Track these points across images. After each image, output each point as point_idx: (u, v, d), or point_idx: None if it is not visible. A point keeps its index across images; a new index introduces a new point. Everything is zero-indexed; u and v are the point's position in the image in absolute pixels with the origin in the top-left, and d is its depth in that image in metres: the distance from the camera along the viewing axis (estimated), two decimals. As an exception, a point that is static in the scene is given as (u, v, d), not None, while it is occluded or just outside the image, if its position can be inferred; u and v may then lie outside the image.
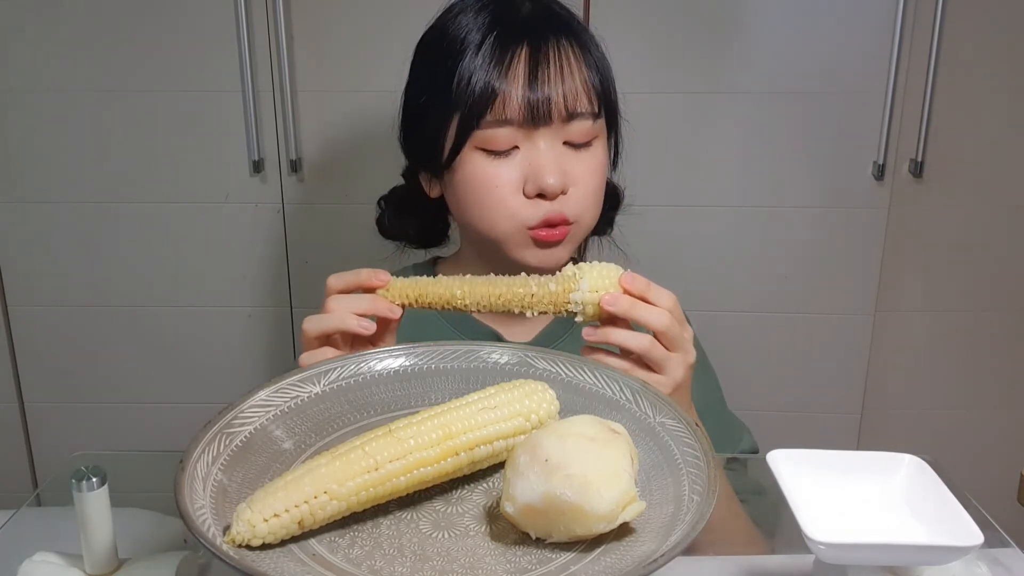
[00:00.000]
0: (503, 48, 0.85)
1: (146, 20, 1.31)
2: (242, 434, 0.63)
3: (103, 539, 0.63)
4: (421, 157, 0.94)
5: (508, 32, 0.86)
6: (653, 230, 1.35)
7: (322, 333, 0.77)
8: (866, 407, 1.50)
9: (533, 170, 0.86)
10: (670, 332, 0.75)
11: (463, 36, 0.87)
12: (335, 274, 0.80)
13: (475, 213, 0.89)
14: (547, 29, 0.87)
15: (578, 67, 0.87)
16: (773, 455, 0.63)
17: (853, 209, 1.39)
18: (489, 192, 0.87)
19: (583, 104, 0.87)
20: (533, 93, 0.84)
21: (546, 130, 0.86)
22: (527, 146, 0.86)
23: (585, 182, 0.88)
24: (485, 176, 0.87)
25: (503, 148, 0.86)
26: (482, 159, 0.87)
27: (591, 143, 0.89)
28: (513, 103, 0.85)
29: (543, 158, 0.86)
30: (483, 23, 0.87)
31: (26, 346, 1.46)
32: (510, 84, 0.85)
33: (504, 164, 0.87)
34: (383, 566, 0.55)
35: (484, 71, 0.85)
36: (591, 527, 0.55)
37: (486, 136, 0.86)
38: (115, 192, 1.39)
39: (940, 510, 0.59)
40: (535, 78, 0.85)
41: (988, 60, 1.34)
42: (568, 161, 0.87)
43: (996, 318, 1.46)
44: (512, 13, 0.88)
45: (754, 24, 1.33)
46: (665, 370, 0.76)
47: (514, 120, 0.85)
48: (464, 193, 0.89)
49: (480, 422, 0.60)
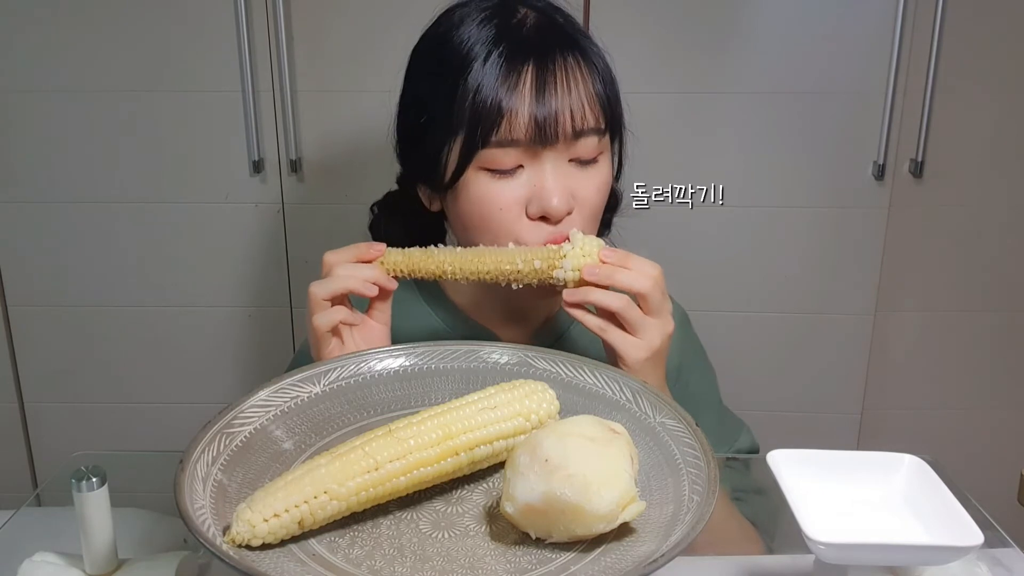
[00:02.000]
0: (510, 65, 0.82)
1: (146, 20, 1.31)
2: (242, 434, 0.63)
3: (103, 539, 0.63)
4: (420, 172, 0.91)
5: (514, 48, 0.82)
6: (653, 230, 1.34)
7: (330, 295, 0.79)
8: (866, 407, 1.50)
9: (537, 192, 0.83)
10: (650, 296, 0.76)
11: (466, 50, 0.83)
12: (331, 250, 0.82)
13: (477, 234, 0.87)
14: (553, 44, 0.84)
15: (584, 82, 0.84)
16: (773, 455, 0.63)
17: (853, 209, 1.39)
18: (492, 214, 0.84)
19: (590, 121, 0.84)
20: (540, 112, 0.81)
21: (552, 150, 0.83)
22: (532, 165, 0.83)
23: (590, 203, 0.86)
24: (489, 197, 0.84)
25: (508, 168, 0.83)
26: (486, 179, 0.84)
27: (597, 159, 0.86)
28: (520, 123, 0.81)
29: (548, 180, 0.83)
30: (487, 37, 0.83)
31: (26, 346, 1.46)
32: (517, 103, 0.81)
33: (508, 185, 0.83)
34: (383, 566, 0.55)
35: (491, 89, 0.81)
36: (591, 527, 0.55)
37: (491, 156, 0.82)
38: (115, 192, 1.39)
39: (940, 510, 0.59)
40: (542, 97, 0.82)
41: (988, 60, 1.34)
42: (573, 180, 0.85)
43: (996, 318, 1.46)
44: (517, 26, 0.85)
45: (754, 24, 1.33)
46: (641, 333, 0.77)
47: (521, 140, 0.82)
48: (467, 214, 0.86)
49: (480, 422, 0.61)
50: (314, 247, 1.41)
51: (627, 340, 0.77)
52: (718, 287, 1.43)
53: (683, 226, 1.40)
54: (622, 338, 0.77)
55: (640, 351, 0.77)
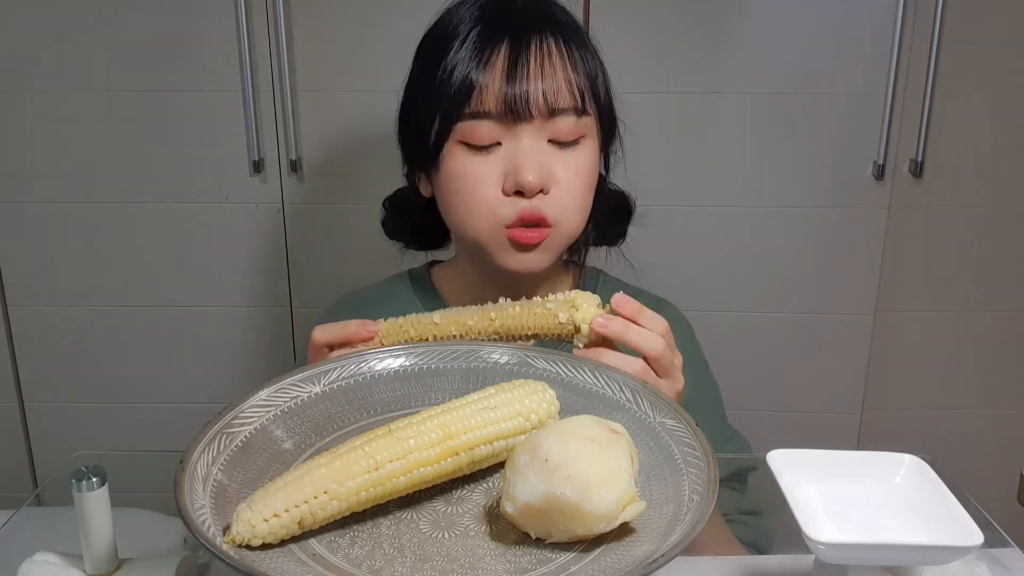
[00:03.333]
0: (484, 42, 0.86)
1: (146, 20, 1.31)
2: (242, 434, 0.63)
3: (103, 539, 0.63)
4: (413, 156, 0.94)
5: (491, 27, 0.87)
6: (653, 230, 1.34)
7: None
8: (866, 407, 1.50)
9: (513, 166, 0.85)
10: (662, 358, 0.75)
11: (450, 31, 0.88)
12: (320, 326, 0.79)
13: (457, 212, 0.89)
14: (532, 25, 0.87)
15: (561, 63, 0.86)
16: (773, 455, 0.63)
17: (853, 209, 1.39)
18: (469, 188, 0.87)
19: (565, 100, 0.86)
20: (511, 87, 0.84)
21: (528, 126, 0.85)
22: (509, 142, 0.86)
23: (569, 183, 0.87)
24: (465, 171, 0.87)
25: (485, 143, 0.86)
26: (464, 154, 0.87)
27: (578, 142, 0.88)
28: (491, 96, 0.84)
29: (523, 154, 0.85)
30: (471, 16, 0.88)
31: (26, 346, 1.46)
32: (488, 77, 0.85)
33: (485, 160, 0.86)
34: (383, 566, 0.55)
35: (464, 64, 0.85)
36: (591, 527, 0.55)
37: (467, 129, 0.86)
38: (115, 192, 1.39)
39: (940, 510, 0.59)
40: (514, 72, 0.84)
41: (988, 60, 1.34)
42: (552, 159, 0.86)
43: (996, 318, 1.46)
44: (501, 9, 0.89)
45: (754, 24, 1.33)
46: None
47: (492, 113, 0.85)
48: (446, 190, 0.89)
49: (480, 422, 0.60)
50: (314, 247, 1.41)
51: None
52: (718, 287, 1.43)
53: (683, 226, 1.40)
54: None
55: None
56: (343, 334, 0.77)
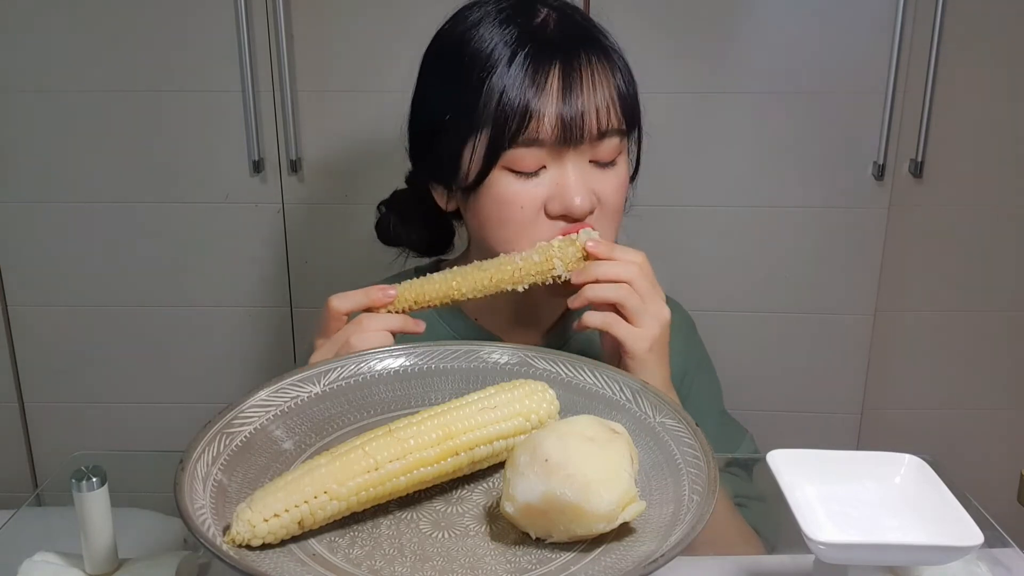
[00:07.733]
0: (536, 65, 0.82)
1: (146, 20, 1.31)
2: (242, 434, 0.63)
3: (103, 539, 0.63)
4: (437, 172, 0.90)
5: (540, 48, 0.83)
6: (653, 230, 1.34)
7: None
8: (866, 407, 1.50)
9: (560, 191, 0.83)
10: (637, 283, 0.78)
11: (489, 50, 0.83)
12: (337, 295, 0.79)
13: (496, 233, 0.87)
14: (578, 44, 0.84)
15: (608, 82, 0.84)
16: (773, 455, 0.63)
17: (853, 209, 1.39)
18: (513, 213, 0.84)
19: (613, 122, 0.84)
20: (568, 113, 0.82)
21: (575, 150, 0.84)
22: (554, 165, 0.84)
23: (610, 202, 0.86)
24: (511, 196, 0.84)
25: (532, 169, 0.83)
26: (509, 179, 0.84)
27: (615, 160, 0.87)
28: (547, 123, 0.82)
29: (571, 178, 0.83)
30: (511, 37, 0.83)
31: (26, 346, 1.46)
32: (545, 104, 0.81)
33: (531, 184, 0.84)
34: (383, 566, 0.55)
35: (518, 89, 0.81)
36: (591, 527, 0.55)
37: (516, 156, 0.83)
38: (115, 192, 1.38)
39: (940, 510, 0.59)
40: (569, 97, 0.82)
41: (988, 60, 1.34)
42: (594, 180, 0.85)
43: (996, 318, 1.46)
44: (540, 27, 0.85)
45: (754, 24, 1.33)
46: (641, 322, 0.78)
47: (547, 140, 0.82)
48: (487, 213, 0.86)
49: (480, 422, 0.61)
50: (314, 247, 1.41)
51: (632, 332, 0.78)
52: (718, 287, 1.43)
53: (683, 226, 1.40)
54: (627, 330, 0.78)
55: (643, 341, 0.78)
56: (365, 300, 0.79)
